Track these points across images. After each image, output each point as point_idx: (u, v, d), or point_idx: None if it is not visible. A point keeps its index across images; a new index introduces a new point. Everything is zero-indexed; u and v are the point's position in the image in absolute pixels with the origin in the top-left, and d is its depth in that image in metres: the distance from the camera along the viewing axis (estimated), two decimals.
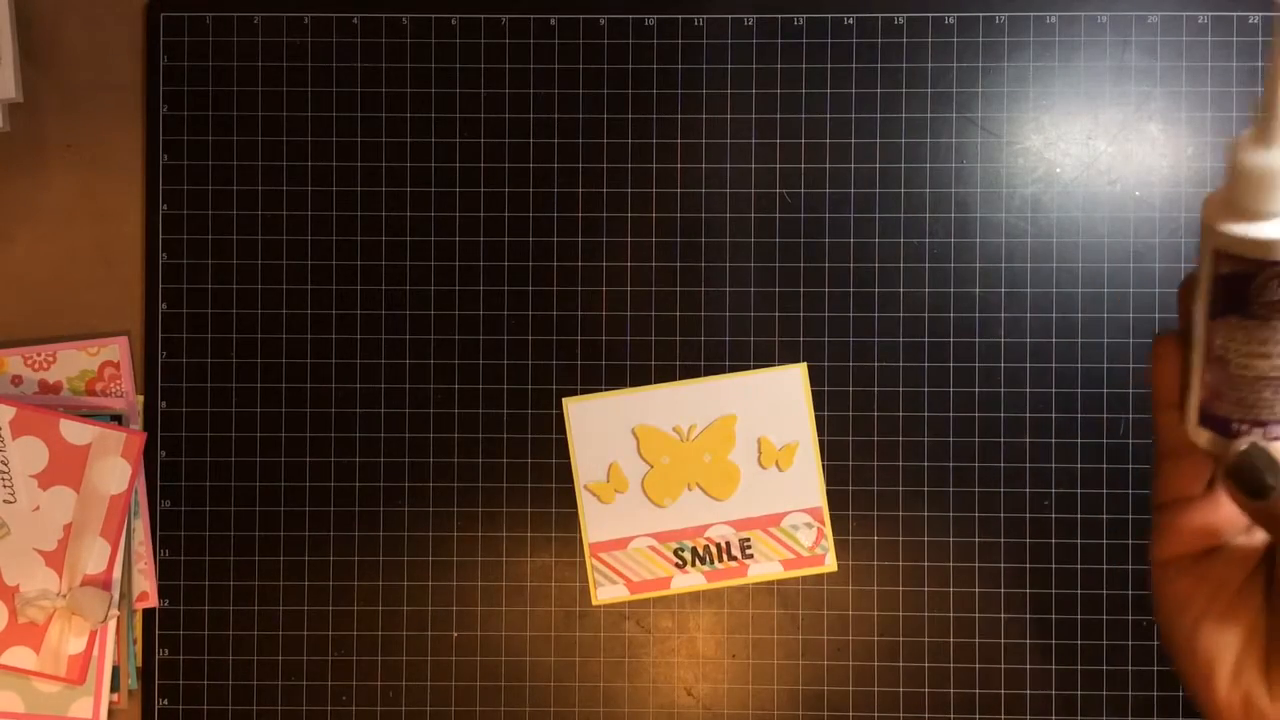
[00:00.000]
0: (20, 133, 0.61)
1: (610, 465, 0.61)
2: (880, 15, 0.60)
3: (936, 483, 0.60)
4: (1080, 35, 0.60)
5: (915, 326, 0.60)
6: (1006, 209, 0.60)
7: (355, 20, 0.61)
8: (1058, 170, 0.60)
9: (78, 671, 0.59)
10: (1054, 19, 0.60)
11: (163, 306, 0.61)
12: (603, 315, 0.60)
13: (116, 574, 0.59)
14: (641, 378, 0.61)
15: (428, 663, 0.60)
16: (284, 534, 0.61)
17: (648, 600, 0.60)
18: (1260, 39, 0.60)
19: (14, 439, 0.59)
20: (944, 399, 0.60)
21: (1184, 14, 0.60)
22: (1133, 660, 0.60)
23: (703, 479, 0.61)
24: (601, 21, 0.61)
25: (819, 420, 0.60)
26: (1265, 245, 0.29)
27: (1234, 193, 0.30)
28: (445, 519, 0.61)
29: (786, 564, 0.60)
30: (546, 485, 0.61)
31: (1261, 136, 0.29)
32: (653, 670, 0.60)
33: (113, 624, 0.59)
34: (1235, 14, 0.60)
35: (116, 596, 0.59)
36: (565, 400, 0.61)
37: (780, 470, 0.60)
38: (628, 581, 0.61)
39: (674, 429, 0.61)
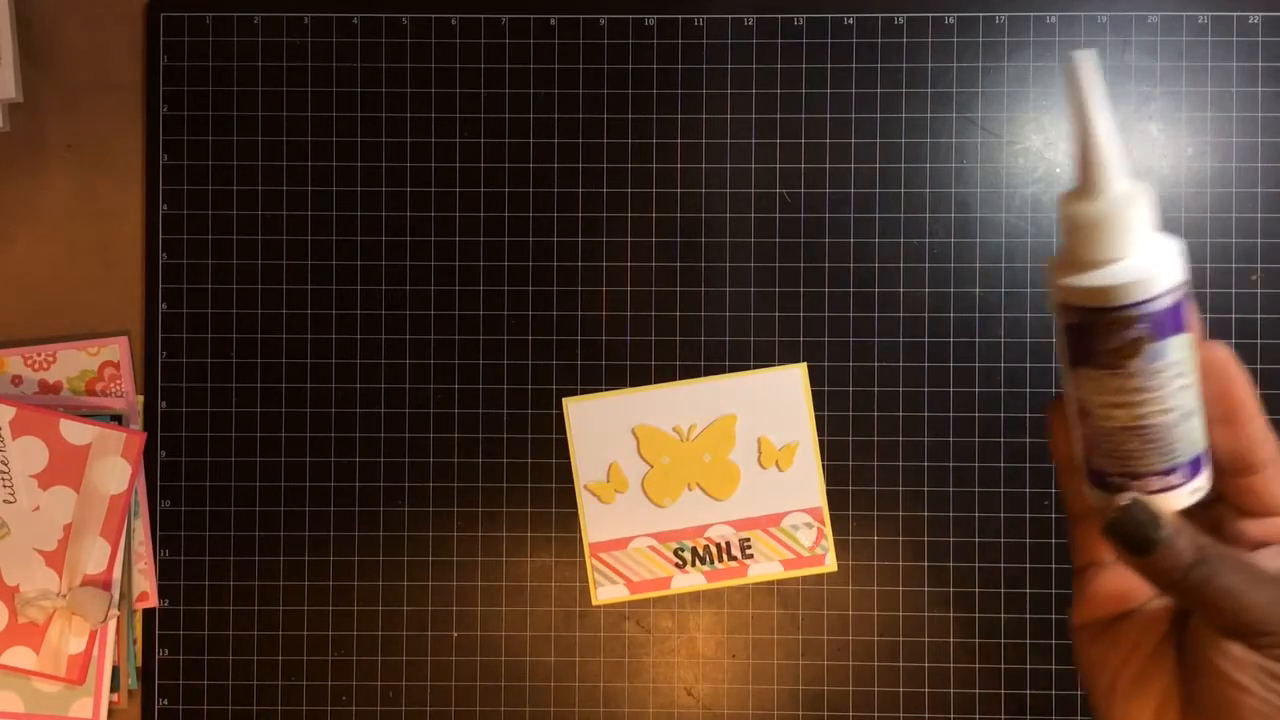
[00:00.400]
0: (20, 133, 0.61)
1: (610, 465, 0.61)
2: (880, 15, 0.60)
3: (936, 483, 0.60)
4: (1080, 35, 0.60)
5: (915, 326, 0.60)
6: (1006, 209, 0.60)
7: (355, 20, 0.61)
8: (1058, 170, 0.60)
9: (78, 671, 0.59)
10: (1054, 19, 0.60)
11: (163, 306, 0.61)
12: (603, 315, 0.60)
13: (116, 574, 0.59)
14: (641, 378, 0.61)
15: (428, 663, 0.60)
16: (284, 534, 0.61)
17: (648, 600, 0.60)
18: (1260, 39, 0.60)
19: (14, 439, 0.59)
20: (944, 399, 0.60)
21: (1184, 14, 0.60)
22: None
23: (703, 479, 0.61)
24: (601, 21, 0.61)
25: (819, 420, 0.60)
26: (1098, 293, 0.29)
27: (1066, 246, 0.30)
28: (445, 519, 0.61)
29: (787, 564, 0.60)
30: (546, 485, 0.61)
31: (1081, 189, 0.30)
32: (653, 670, 0.60)
33: (113, 624, 0.59)
34: (1235, 14, 0.60)
35: (116, 596, 0.59)
36: (565, 400, 0.61)
37: (780, 470, 0.60)
38: (628, 581, 0.60)
39: (674, 429, 0.61)
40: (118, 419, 0.60)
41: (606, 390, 0.61)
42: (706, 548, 0.61)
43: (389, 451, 0.61)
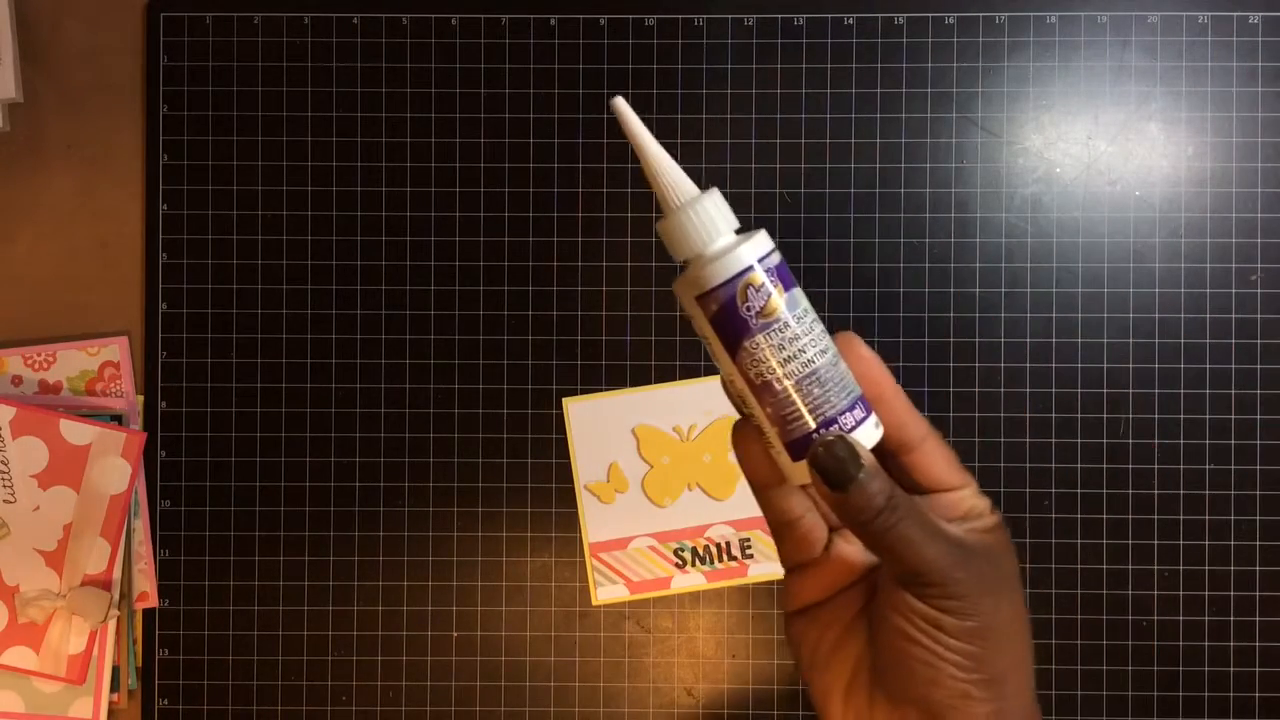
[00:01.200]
0: (20, 133, 0.61)
1: (610, 465, 0.61)
2: (880, 15, 0.60)
3: None
4: (1080, 35, 0.60)
5: (915, 326, 0.60)
6: (1006, 209, 0.60)
7: (355, 20, 0.61)
8: (1058, 170, 0.60)
9: (78, 671, 0.59)
10: (1054, 19, 0.60)
11: (163, 306, 0.61)
12: (603, 315, 0.60)
13: (116, 574, 0.59)
14: (641, 378, 0.61)
15: (428, 663, 0.60)
16: (284, 534, 0.61)
17: (648, 600, 0.60)
18: (1260, 39, 0.60)
19: (14, 439, 0.59)
20: (944, 399, 0.60)
21: (1184, 14, 0.60)
22: (1133, 660, 0.60)
23: (703, 479, 0.61)
24: (601, 21, 0.61)
25: None
26: (723, 267, 0.34)
27: (680, 261, 0.35)
28: (445, 519, 0.61)
29: None
30: (546, 485, 0.61)
31: (664, 210, 0.35)
32: (653, 670, 0.60)
33: (113, 624, 0.59)
34: (1235, 14, 0.60)
35: (116, 596, 0.59)
36: (565, 400, 0.61)
37: None
38: (628, 581, 0.60)
39: (674, 429, 0.61)
40: (118, 419, 0.60)
41: (606, 390, 0.61)
42: (706, 548, 0.60)
43: (389, 451, 0.61)
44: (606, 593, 0.61)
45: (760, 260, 0.34)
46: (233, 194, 0.61)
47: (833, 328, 0.60)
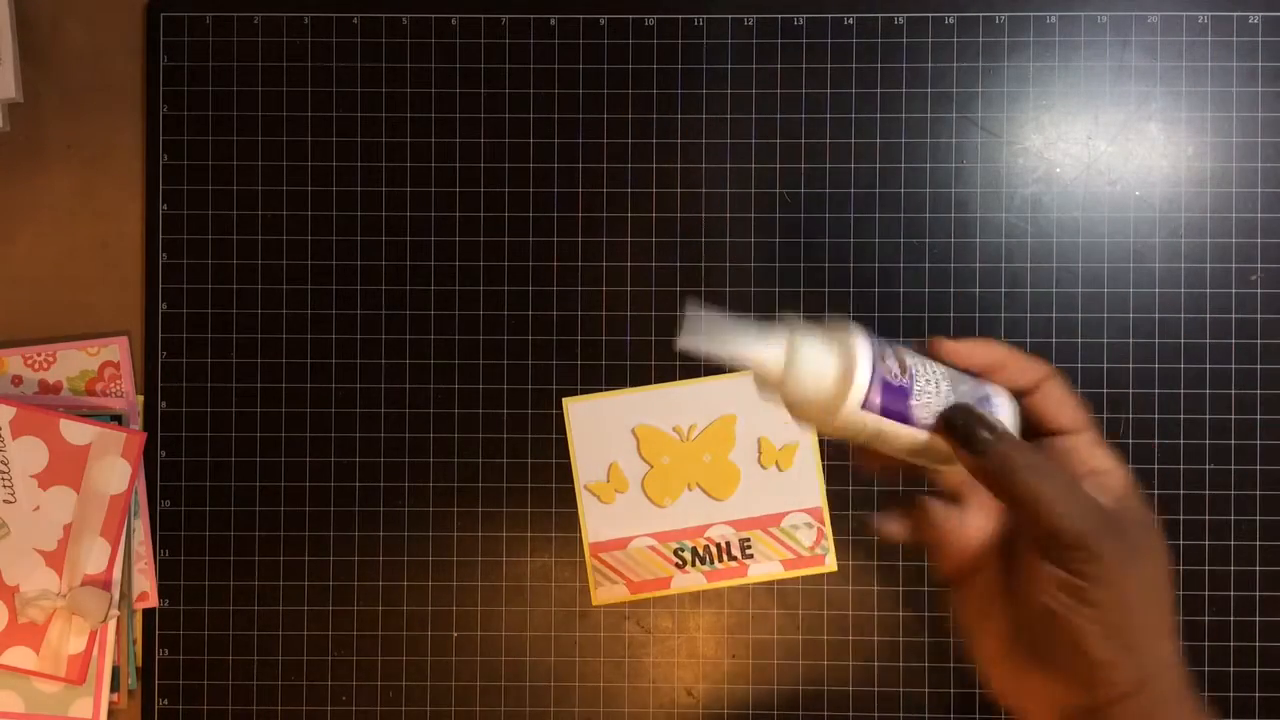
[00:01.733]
0: (20, 133, 0.61)
1: (610, 465, 0.61)
2: (880, 15, 0.60)
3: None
4: (1080, 35, 0.60)
5: (915, 326, 0.60)
6: (1006, 209, 0.60)
7: (355, 20, 0.61)
8: (1058, 170, 0.60)
9: (78, 671, 0.59)
10: (1054, 19, 0.60)
11: (163, 306, 0.61)
12: (603, 315, 0.60)
13: (116, 574, 0.59)
14: (641, 378, 0.61)
15: (428, 663, 0.60)
16: (284, 534, 0.61)
17: (648, 600, 0.60)
18: (1260, 39, 0.60)
19: (14, 439, 0.59)
20: None
21: (1184, 14, 0.60)
22: None
23: (703, 479, 0.60)
24: (601, 21, 0.61)
25: None
26: (861, 372, 0.37)
27: (802, 388, 0.38)
28: (445, 519, 0.61)
29: (787, 564, 0.60)
30: (546, 485, 0.61)
31: (776, 384, 0.37)
32: (653, 670, 0.60)
33: (113, 624, 0.59)
34: (1235, 14, 0.60)
35: (116, 596, 0.59)
36: (565, 400, 0.61)
37: (780, 470, 0.60)
38: (628, 582, 0.60)
39: (674, 429, 0.61)
40: (118, 419, 0.60)
41: (606, 390, 0.61)
42: (706, 548, 0.60)
43: (389, 451, 0.61)
44: (606, 593, 0.61)
45: (862, 336, 0.38)
46: (233, 194, 0.61)
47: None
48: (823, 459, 0.60)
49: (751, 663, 0.60)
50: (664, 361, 0.61)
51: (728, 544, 0.60)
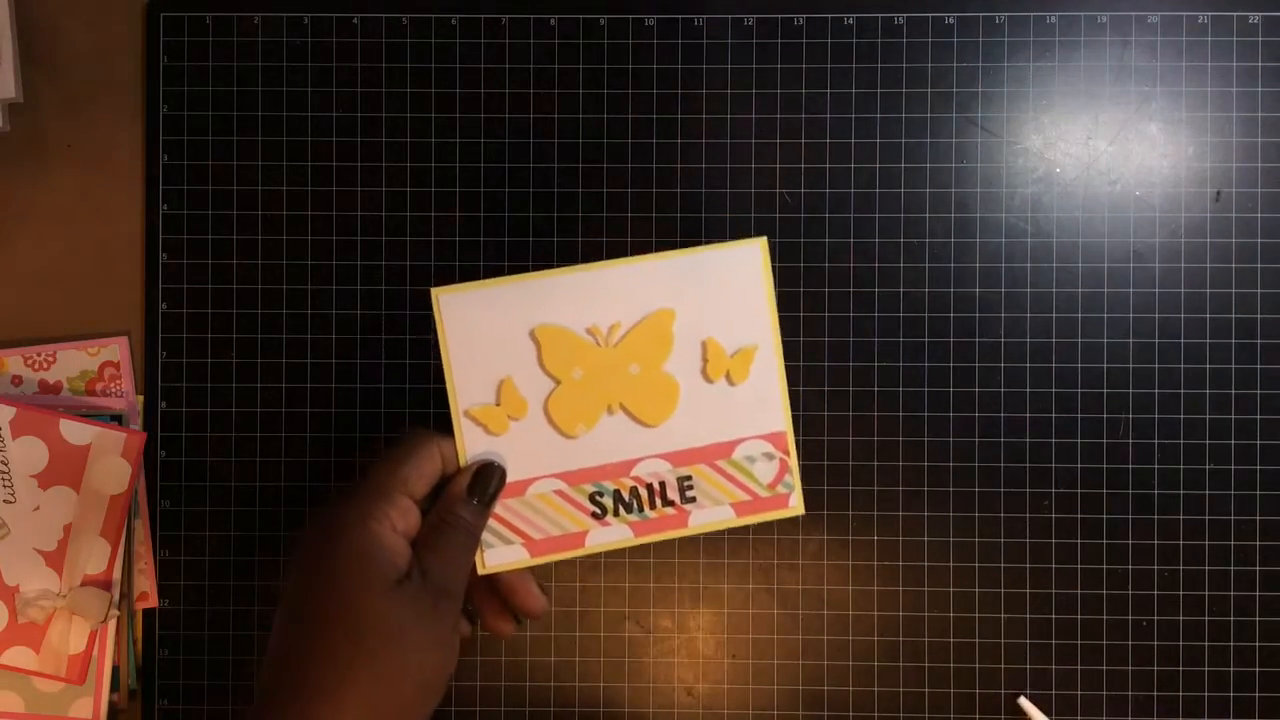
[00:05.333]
0: (20, 133, 0.61)
1: (501, 382, 0.48)
2: (880, 15, 0.60)
3: (936, 483, 0.60)
4: (1080, 35, 0.60)
5: (915, 326, 0.60)
6: (1006, 209, 0.60)
7: (355, 20, 0.61)
8: (1058, 170, 0.60)
9: (78, 671, 0.59)
10: (1054, 19, 0.60)
11: (163, 306, 0.61)
12: None
13: (116, 574, 0.59)
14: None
15: None
16: (284, 534, 0.61)
17: (646, 594, 0.60)
18: (1260, 39, 0.60)
19: (14, 439, 0.59)
20: (944, 399, 0.60)
21: (1184, 14, 0.60)
22: (1133, 660, 0.60)
23: (628, 398, 0.48)
24: (601, 21, 0.61)
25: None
26: None
27: None
28: None
29: (740, 508, 0.49)
30: None
31: None
32: (653, 670, 0.60)
33: (113, 624, 0.59)
34: (1235, 14, 0.60)
35: (116, 596, 0.59)
36: (435, 291, 0.48)
37: (731, 384, 0.49)
38: (527, 540, 0.48)
39: (589, 330, 0.48)
40: (118, 419, 0.60)
41: (492, 280, 0.48)
42: (634, 490, 0.48)
43: None
44: (498, 556, 0.48)
45: None
46: (233, 194, 0.61)
47: (833, 328, 0.60)
48: (787, 368, 0.50)
49: (751, 663, 0.60)
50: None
51: (662, 485, 0.48)
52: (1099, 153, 0.60)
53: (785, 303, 0.60)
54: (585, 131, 0.61)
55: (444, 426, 0.50)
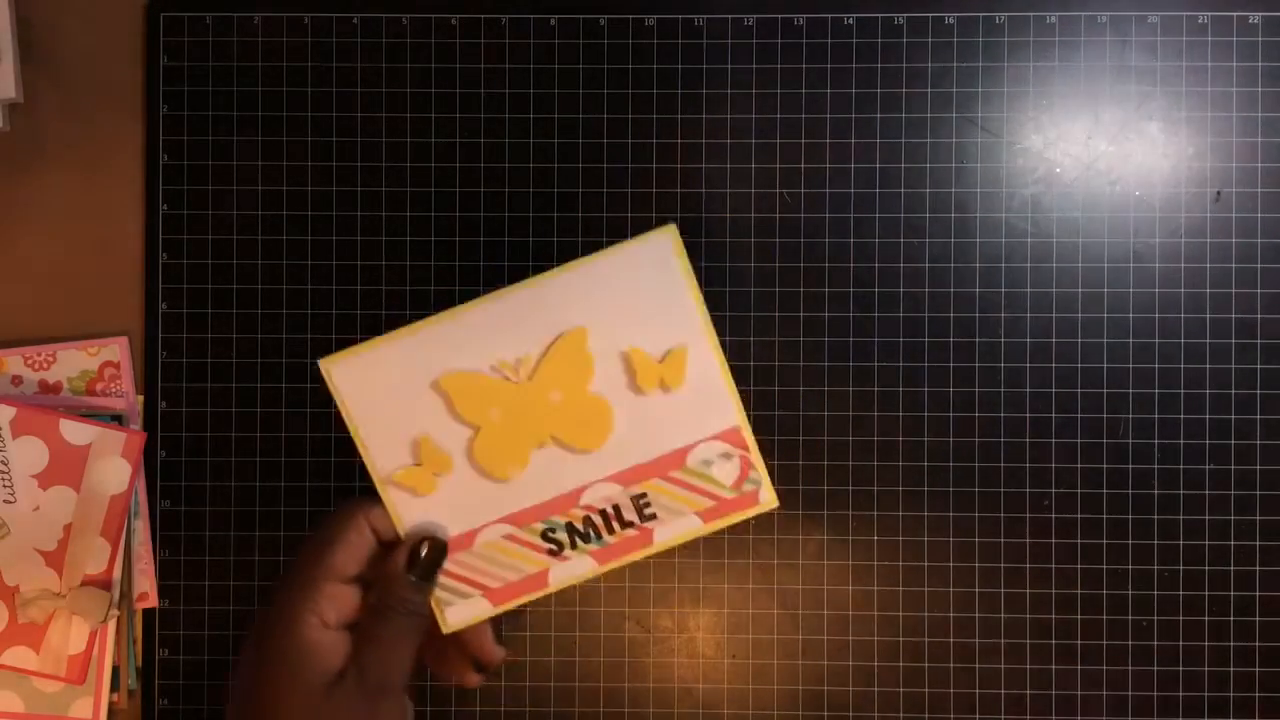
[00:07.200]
0: (20, 133, 0.61)
1: (417, 441, 0.45)
2: (880, 15, 0.60)
3: (936, 483, 0.60)
4: (1080, 35, 0.60)
5: (915, 326, 0.60)
6: (1006, 209, 0.60)
7: (355, 20, 0.61)
8: (1058, 170, 0.60)
9: (78, 671, 0.59)
10: (1054, 19, 0.60)
11: (163, 306, 0.61)
12: None
13: (116, 574, 0.59)
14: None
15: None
16: (284, 534, 0.61)
17: (646, 594, 0.60)
18: (1260, 39, 0.60)
19: (14, 439, 0.59)
20: (944, 399, 0.60)
21: (1184, 14, 0.60)
22: (1133, 660, 0.60)
23: (558, 428, 0.45)
24: (601, 21, 0.61)
25: (810, 421, 0.60)
26: None
27: None
28: None
29: (707, 514, 0.46)
30: None
31: None
32: (653, 670, 0.60)
33: (113, 624, 0.59)
34: (1235, 14, 0.60)
35: (116, 596, 0.59)
36: (322, 362, 0.45)
37: (668, 390, 0.45)
38: (486, 590, 0.46)
39: (496, 368, 0.45)
40: (118, 419, 0.60)
41: (380, 337, 0.45)
42: (587, 519, 0.45)
43: None
44: (459, 613, 0.46)
45: None
46: (233, 194, 0.61)
47: (833, 328, 0.60)
48: (728, 358, 0.46)
49: (751, 663, 0.60)
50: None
51: (616, 508, 0.45)
52: (1099, 153, 0.60)
53: (785, 303, 0.60)
54: (585, 131, 0.61)
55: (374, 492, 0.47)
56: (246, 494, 0.61)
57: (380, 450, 0.44)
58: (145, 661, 0.61)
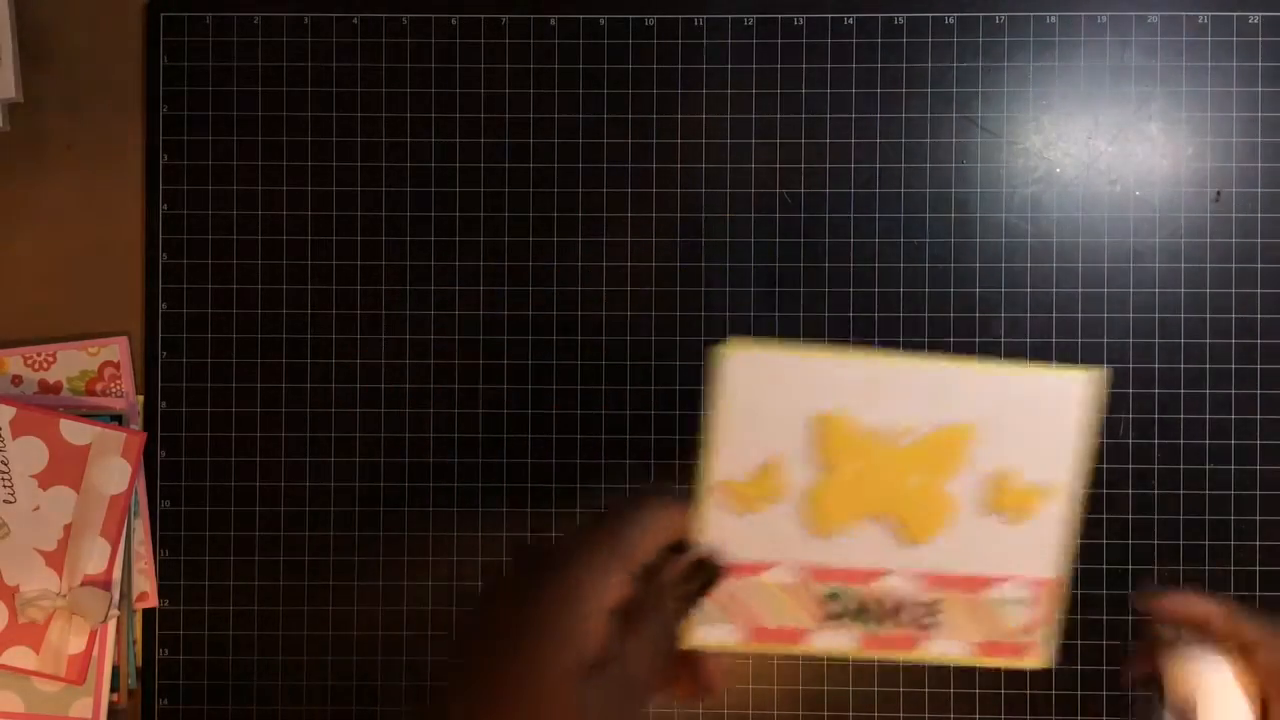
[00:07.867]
0: (20, 133, 0.61)
1: (767, 461, 0.42)
2: (880, 15, 0.60)
3: None
4: (1080, 35, 0.60)
5: (915, 326, 0.60)
6: (1006, 209, 0.60)
7: (355, 20, 0.61)
8: (1058, 170, 0.60)
9: (78, 671, 0.59)
10: (1054, 19, 0.60)
11: (163, 306, 0.61)
12: (603, 315, 0.60)
13: (116, 574, 0.59)
14: (642, 378, 0.60)
15: (428, 663, 0.60)
16: (284, 534, 0.61)
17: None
18: (1260, 39, 0.60)
19: (14, 439, 0.59)
20: None
21: (1184, 14, 0.60)
22: None
23: (901, 507, 0.42)
24: (601, 21, 0.61)
25: None
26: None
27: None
28: (445, 519, 0.61)
29: (982, 648, 0.43)
30: (546, 485, 0.61)
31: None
32: None
33: (113, 624, 0.59)
34: (1235, 14, 0.60)
35: (116, 596, 0.59)
36: (725, 348, 0.41)
37: (1010, 522, 0.42)
38: (744, 626, 0.42)
39: (875, 427, 0.42)
40: (118, 419, 0.60)
41: (784, 347, 0.42)
42: (878, 602, 0.42)
43: (389, 451, 0.61)
44: (707, 633, 0.42)
45: None
46: (233, 194, 0.61)
47: (833, 328, 0.59)
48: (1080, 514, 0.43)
49: (752, 663, 0.60)
50: (666, 361, 0.60)
51: (905, 604, 0.42)
52: (1099, 153, 0.60)
53: (784, 303, 0.60)
54: (585, 131, 0.61)
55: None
56: (246, 494, 0.61)
57: (727, 454, 0.41)
58: (145, 661, 0.61)
